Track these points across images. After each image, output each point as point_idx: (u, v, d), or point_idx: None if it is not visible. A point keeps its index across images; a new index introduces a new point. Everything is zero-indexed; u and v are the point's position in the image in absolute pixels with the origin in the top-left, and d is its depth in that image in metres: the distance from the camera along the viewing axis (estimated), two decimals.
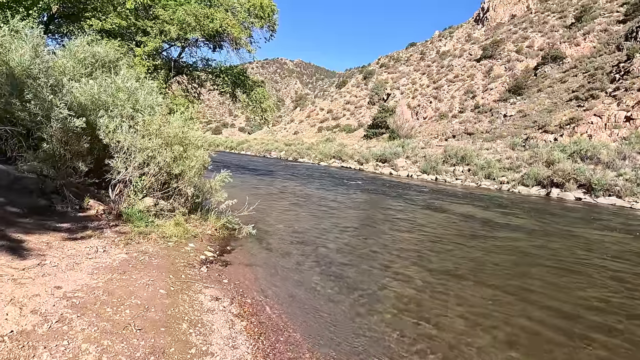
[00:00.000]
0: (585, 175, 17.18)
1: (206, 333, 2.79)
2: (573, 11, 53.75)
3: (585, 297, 4.62)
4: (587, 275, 5.50)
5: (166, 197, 5.76)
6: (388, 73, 77.35)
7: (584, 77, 35.29)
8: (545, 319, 3.88)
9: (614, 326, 3.83)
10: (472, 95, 48.99)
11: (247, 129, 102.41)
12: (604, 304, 4.43)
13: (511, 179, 20.70)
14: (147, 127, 5.26)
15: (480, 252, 6.50)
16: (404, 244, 6.72)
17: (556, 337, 3.55)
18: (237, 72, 15.86)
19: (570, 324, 3.82)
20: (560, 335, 3.57)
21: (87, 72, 6.38)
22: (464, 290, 4.58)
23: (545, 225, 9.59)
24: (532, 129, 31.36)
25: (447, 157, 26.16)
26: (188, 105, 12.37)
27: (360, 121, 65.63)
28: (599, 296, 4.67)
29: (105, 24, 11.26)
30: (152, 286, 3.29)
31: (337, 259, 5.42)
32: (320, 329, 3.34)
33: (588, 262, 6.23)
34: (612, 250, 7.25)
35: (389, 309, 3.89)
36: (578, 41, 44.90)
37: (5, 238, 3.49)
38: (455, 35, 76.22)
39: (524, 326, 3.70)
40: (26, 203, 4.43)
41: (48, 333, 2.31)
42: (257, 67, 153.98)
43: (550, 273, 5.48)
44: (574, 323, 3.84)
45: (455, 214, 10.61)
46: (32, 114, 4.60)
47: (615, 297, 4.69)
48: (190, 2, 13.17)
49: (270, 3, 14.87)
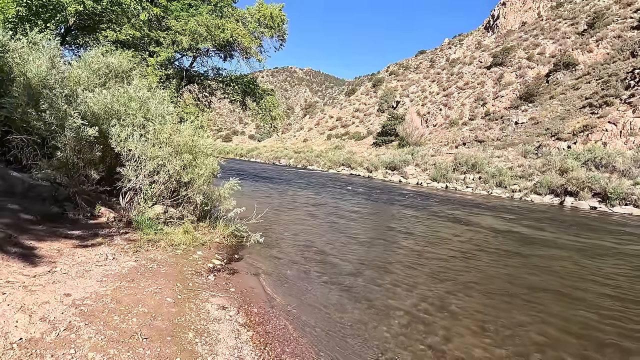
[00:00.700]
0: (601, 184, 16.80)
1: (212, 343, 2.78)
2: (585, 18, 53.19)
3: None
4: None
5: (175, 204, 5.81)
6: (397, 81, 77.45)
7: (597, 84, 34.73)
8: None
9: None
10: (482, 103, 48.64)
11: (257, 137, 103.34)
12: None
13: (523, 187, 20.37)
14: (158, 135, 5.34)
15: (523, 272, 5.85)
16: (420, 258, 6.59)
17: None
18: (247, 81, 16.08)
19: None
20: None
21: (101, 82, 6.53)
22: (512, 317, 4.02)
23: (582, 239, 8.92)
24: (545, 136, 30.89)
25: (458, 164, 25.92)
26: (199, 113, 12.58)
27: (369, 129, 65.66)
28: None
29: (120, 35, 11.57)
30: (160, 294, 3.30)
31: (346, 269, 5.37)
32: (328, 341, 3.30)
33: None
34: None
35: (399, 322, 3.81)
36: (591, 47, 44.34)
37: (19, 245, 3.56)
38: (465, 43, 76.10)
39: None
40: (39, 210, 4.51)
41: (56, 341, 2.32)
42: (267, 75, 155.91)
43: (615, 303, 4.65)
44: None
45: (477, 225, 10.22)
46: (47, 123, 4.72)
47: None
48: (202, 13, 13.46)
49: (280, 13, 15.09)
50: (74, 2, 8.84)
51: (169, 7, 13.21)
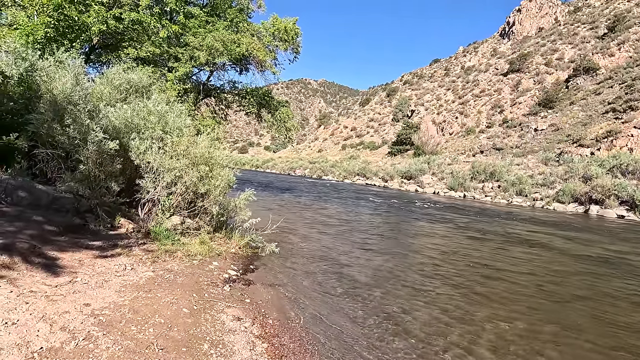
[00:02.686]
0: (628, 192, 16.11)
1: (227, 354, 2.76)
2: (605, 21, 51.96)
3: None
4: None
5: (192, 215, 5.89)
6: (412, 90, 77.22)
7: (620, 88, 33.64)
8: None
9: None
10: (499, 110, 47.81)
11: (273, 148, 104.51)
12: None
13: (545, 195, 19.75)
14: (175, 147, 5.46)
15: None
16: (445, 272, 6.46)
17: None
18: (262, 93, 16.37)
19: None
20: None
21: (122, 97, 6.77)
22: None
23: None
24: (566, 143, 29.99)
25: (475, 173, 25.41)
26: (215, 125, 12.84)
27: (384, 138, 65.41)
28: None
29: (141, 52, 12.02)
30: (176, 305, 3.32)
31: (362, 281, 5.28)
32: (343, 353, 3.23)
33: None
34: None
35: (417, 337, 3.71)
36: (612, 51, 43.14)
37: (42, 255, 3.67)
38: (480, 50, 75.42)
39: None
40: (62, 222, 4.65)
41: (75, 350, 2.36)
42: (282, 87, 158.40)
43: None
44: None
45: (517, 239, 9.56)
46: (71, 137, 4.90)
47: None
48: (218, 29, 13.87)
49: (294, 27, 15.39)
50: (98, 22, 9.26)
51: (187, 24, 13.67)
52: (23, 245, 3.62)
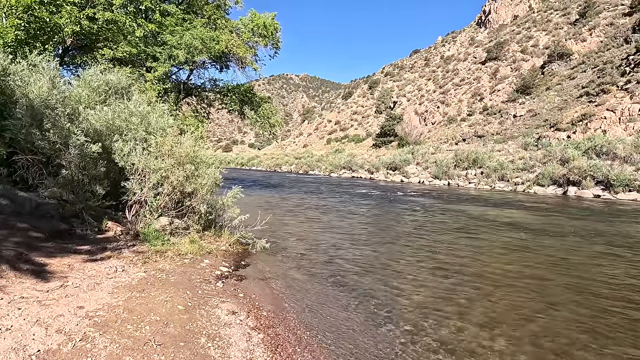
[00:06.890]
0: (603, 172, 16.78)
1: (224, 346, 2.83)
2: (576, 7, 53.41)
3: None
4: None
5: (180, 215, 5.88)
6: (393, 81, 77.72)
7: (593, 72, 34.79)
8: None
9: None
10: (479, 98, 48.75)
11: (257, 145, 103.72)
12: None
13: (526, 179, 20.37)
14: (160, 148, 5.43)
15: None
16: (425, 252, 6.65)
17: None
18: (244, 90, 16.25)
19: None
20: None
21: (102, 100, 6.65)
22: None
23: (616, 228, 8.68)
24: (544, 127, 30.91)
25: (459, 161, 25.94)
26: (198, 125, 12.71)
27: (368, 131, 65.81)
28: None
29: (117, 53, 11.74)
30: (171, 302, 3.36)
31: (351, 270, 5.41)
32: (338, 339, 3.34)
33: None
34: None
35: (407, 319, 3.85)
36: (584, 37, 44.47)
37: (30, 262, 3.63)
38: (459, 40, 76.39)
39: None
40: (48, 228, 4.59)
41: (73, 351, 2.38)
42: (263, 84, 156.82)
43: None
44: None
45: (502, 223, 10.24)
46: (51, 142, 4.82)
47: None
48: (196, 26, 13.65)
49: (273, 22, 15.28)
50: (70, 23, 9.01)
51: (163, 23, 13.40)
52: (9, 253, 3.58)
